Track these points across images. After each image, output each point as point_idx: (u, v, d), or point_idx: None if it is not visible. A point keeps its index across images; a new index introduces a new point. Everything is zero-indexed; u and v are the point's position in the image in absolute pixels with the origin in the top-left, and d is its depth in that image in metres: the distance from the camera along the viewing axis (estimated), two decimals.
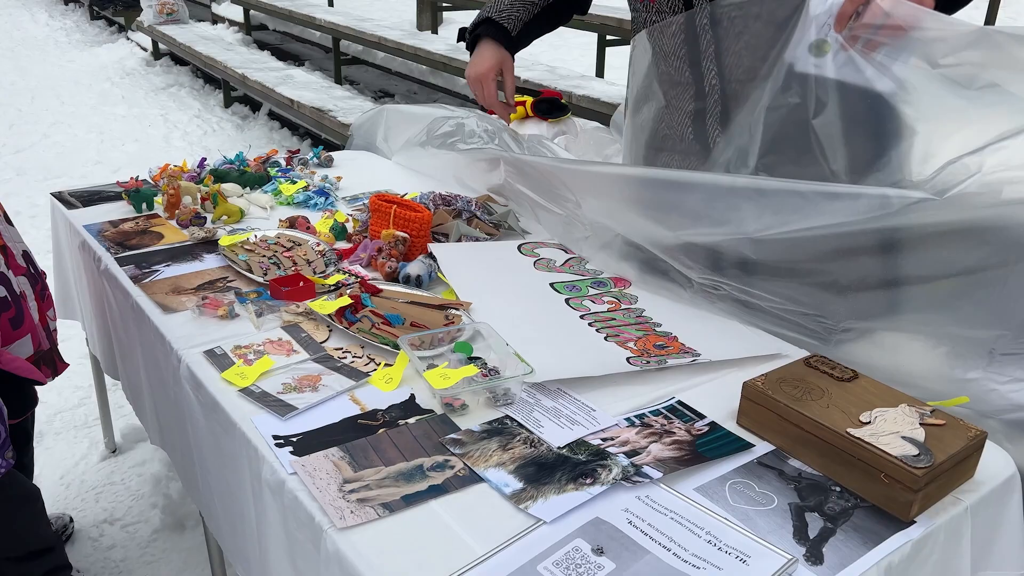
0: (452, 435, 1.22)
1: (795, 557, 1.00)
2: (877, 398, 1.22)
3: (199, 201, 2.11)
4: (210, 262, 1.81)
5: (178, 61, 8.67)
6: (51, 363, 1.85)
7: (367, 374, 1.38)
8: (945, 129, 1.25)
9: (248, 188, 2.25)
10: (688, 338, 1.53)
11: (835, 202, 1.30)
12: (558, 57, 7.50)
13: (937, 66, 1.28)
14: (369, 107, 5.20)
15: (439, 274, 1.71)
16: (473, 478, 1.13)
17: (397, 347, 1.44)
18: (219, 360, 1.41)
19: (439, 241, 1.88)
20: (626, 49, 1.85)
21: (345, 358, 1.44)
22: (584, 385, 1.35)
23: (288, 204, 2.18)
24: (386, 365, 1.41)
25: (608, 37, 6.01)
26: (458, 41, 2.00)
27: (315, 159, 2.53)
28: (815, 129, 1.38)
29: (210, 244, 1.89)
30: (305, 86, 5.53)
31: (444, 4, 8.55)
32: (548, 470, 1.14)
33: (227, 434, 1.29)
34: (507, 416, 1.27)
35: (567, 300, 1.66)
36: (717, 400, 1.33)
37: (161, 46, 8.88)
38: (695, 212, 1.54)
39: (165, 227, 2.00)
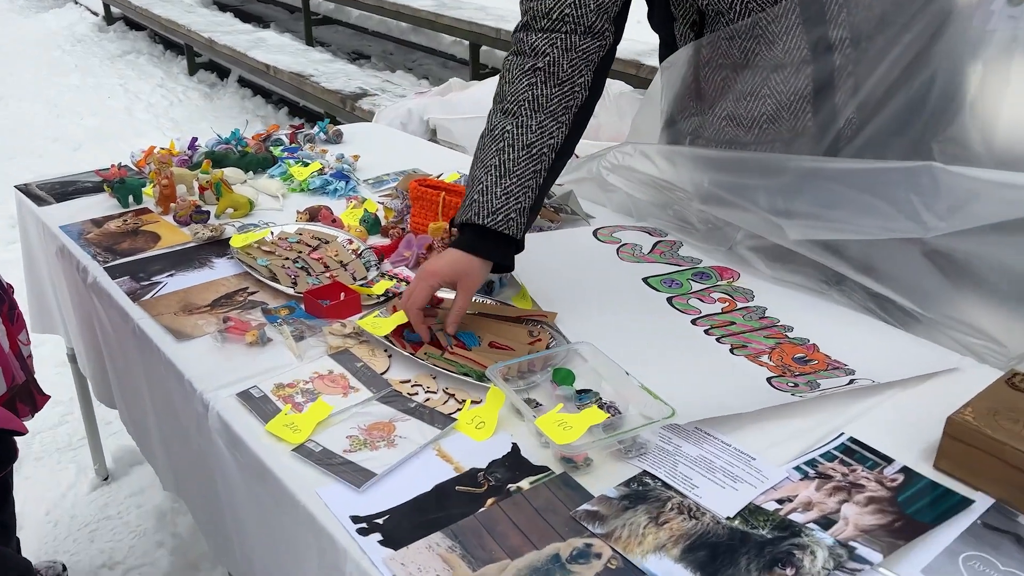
0: (585, 506, 0.93)
1: None
2: None
3: (197, 191, 1.77)
4: (222, 268, 1.49)
5: (133, 26, 8.12)
6: (29, 398, 1.53)
7: (451, 417, 1.08)
8: None
9: (251, 173, 1.92)
10: (831, 346, 1.25)
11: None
12: None
13: None
14: (353, 71, 4.83)
15: (515, 277, 1.40)
16: (629, 570, 0.85)
17: (481, 377, 1.14)
18: (259, 405, 1.11)
19: None
20: (635, 4, 1.39)
21: (416, 394, 1.14)
22: (726, 420, 1.07)
23: (302, 191, 1.86)
24: (472, 403, 1.11)
25: None
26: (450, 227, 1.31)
27: (322, 134, 2.19)
28: (1007, 100, 1.10)
29: (219, 245, 1.57)
30: (279, 49, 5.12)
31: None
32: (727, 555, 0.86)
33: (282, 509, 0.99)
34: (645, 473, 0.99)
35: (669, 299, 1.38)
36: (896, 434, 1.06)
37: (113, 9, 8.31)
38: (845, 205, 1.28)
39: (160, 225, 1.66)
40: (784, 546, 0.87)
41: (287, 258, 1.50)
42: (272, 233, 1.59)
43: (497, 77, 1.37)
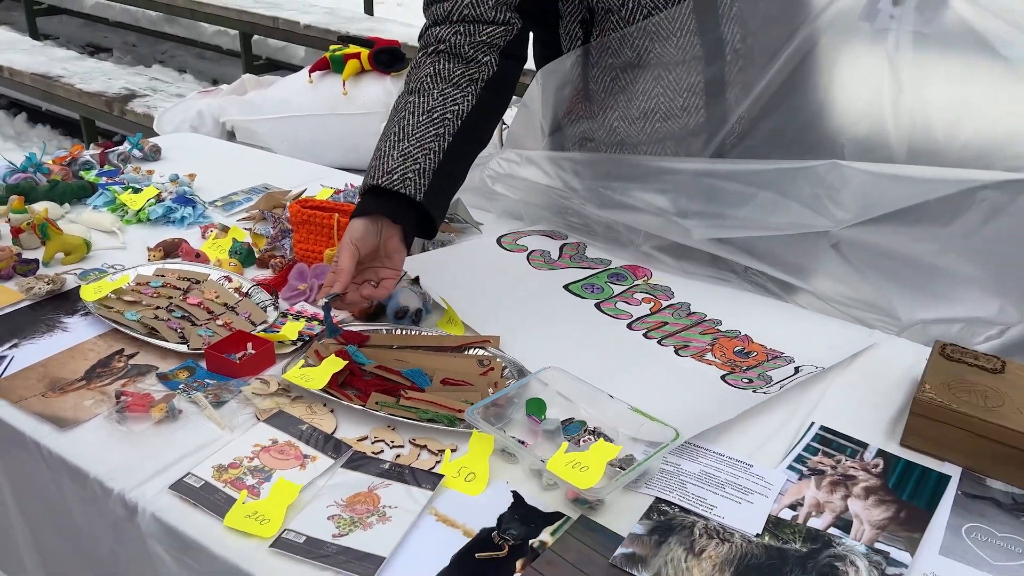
0: (621, 550, 0.88)
1: None
2: None
3: (10, 235, 1.47)
4: (81, 329, 1.24)
5: None
6: None
7: (436, 473, 0.98)
8: None
9: (67, 205, 1.63)
10: (763, 336, 1.29)
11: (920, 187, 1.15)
12: None
13: None
14: (111, 69, 4.29)
15: (442, 301, 1.30)
16: None
17: (452, 422, 1.05)
18: (204, 496, 0.93)
19: None
20: None
21: (382, 452, 1.02)
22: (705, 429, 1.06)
23: (140, 222, 1.60)
24: (452, 451, 1.01)
25: None
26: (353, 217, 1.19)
27: (137, 151, 1.91)
28: (896, 99, 1.19)
29: (64, 300, 1.31)
30: (10, 46, 4.42)
31: None
32: None
33: None
34: (659, 500, 0.95)
35: (597, 305, 1.35)
36: (853, 415, 1.12)
37: None
38: (749, 203, 1.33)
39: None
40: (823, 559, 0.87)
41: (159, 307, 1.28)
42: (130, 279, 1.35)
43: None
